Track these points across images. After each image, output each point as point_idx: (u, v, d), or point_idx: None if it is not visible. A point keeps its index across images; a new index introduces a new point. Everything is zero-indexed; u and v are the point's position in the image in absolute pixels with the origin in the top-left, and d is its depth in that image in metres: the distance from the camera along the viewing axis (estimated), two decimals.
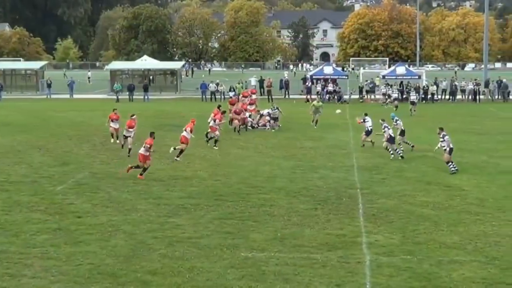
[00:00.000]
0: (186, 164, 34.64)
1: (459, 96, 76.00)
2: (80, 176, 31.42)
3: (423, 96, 73.18)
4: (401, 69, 78.03)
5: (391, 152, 35.97)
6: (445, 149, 32.02)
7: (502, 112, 62.49)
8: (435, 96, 74.28)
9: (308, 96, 74.70)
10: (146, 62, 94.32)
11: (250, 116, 48.75)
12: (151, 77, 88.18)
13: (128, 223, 23.48)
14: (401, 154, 35.93)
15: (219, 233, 22.38)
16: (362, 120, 39.99)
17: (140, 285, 17.57)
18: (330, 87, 75.53)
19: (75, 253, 20.18)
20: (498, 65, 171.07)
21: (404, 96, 73.47)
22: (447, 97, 76.27)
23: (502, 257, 20.05)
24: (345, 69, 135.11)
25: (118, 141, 40.61)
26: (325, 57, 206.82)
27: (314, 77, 79.26)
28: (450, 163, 32.00)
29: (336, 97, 74.78)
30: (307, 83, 77.59)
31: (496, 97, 76.51)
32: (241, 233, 22.33)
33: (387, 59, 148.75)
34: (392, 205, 25.91)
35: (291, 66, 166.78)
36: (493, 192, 28.34)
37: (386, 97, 70.99)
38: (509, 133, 47.83)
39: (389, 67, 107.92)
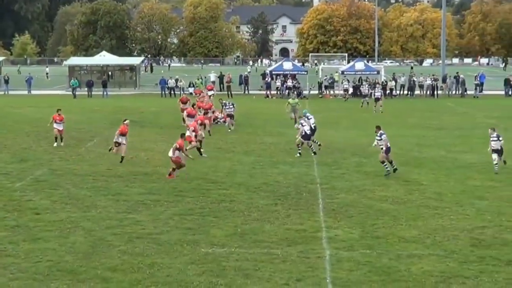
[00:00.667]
0: (145, 160, 34.53)
1: (417, 92, 76.56)
2: (39, 173, 31.15)
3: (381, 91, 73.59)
4: (360, 65, 78.39)
5: (311, 146, 35.91)
6: (382, 148, 31.41)
7: (459, 107, 63.09)
8: (394, 92, 74.77)
9: (268, 92, 74.83)
10: (104, 58, 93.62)
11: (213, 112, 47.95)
12: (110, 73, 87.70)
13: (88, 220, 23.34)
14: (314, 151, 35.91)
15: (179, 229, 22.34)
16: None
17: (100, 282, 17.48)
18: (290, 83, 75.64)
19: (34, 250, 20.02)
20: (455, 60, 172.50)
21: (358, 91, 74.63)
22: (405, 92, 76.86)
23: (460, 250, 20.26)
24: (305, 64, 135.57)
25: (62, 144, 38.74)
26: (284, 52, 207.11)
27: (273, 72, 79.33)
28: (386, 163, 30.99)
29: (295, 92, 74.95)
30: (266, 79, 77.64)
31: (454, 92, 77.19)
32: (201, 229, 22.31)
33: (346, 54, 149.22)
34: (352, 200, 26.05)
35: (251, 62, 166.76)
36: (451, 186, 28.61)
37: (345, 92, 71.45)
38: (467, 128, 48.34)
39: (348, 62, 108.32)
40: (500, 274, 18.25)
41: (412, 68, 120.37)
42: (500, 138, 31.41)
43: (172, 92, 75.97)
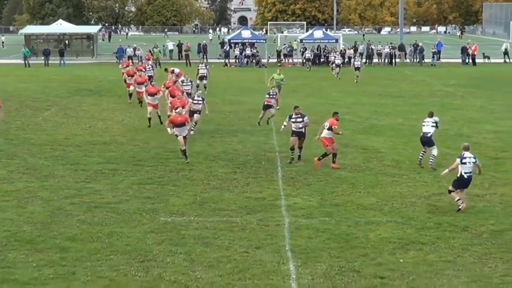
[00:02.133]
0: (103, 129, 34.31)
1: (375, 60, 76.85)
2: None
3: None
4: (318, 33, 78.33)
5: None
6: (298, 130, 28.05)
7: (417, 75, 63.45)
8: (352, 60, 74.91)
9: (226, 60, 74.61)
10: (61, 27, 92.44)
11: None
12: (67, 42, 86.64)
13: (45, 189, 23.18)
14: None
15: (138, 198, 22.29)
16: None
17: (59, 252, 17.39)
18: (248, 51, 75.52)
19: None
20: (413, 28, 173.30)
21: (322, 60, 74.77)
22: (364, 60, 77.04)
23: (417, 217, 20.47)
24: (266, 32, 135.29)
25: None
26: (243, 21, 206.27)
27: (232, 41, 79.05)
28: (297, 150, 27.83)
29: (254, 61, 74.84)
30: (225, 47, 77.39)
31: (413, 60, 77.59)
32: (160, 198, 22.28)
33: (305, 23, 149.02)
34: (311, 168, 26.14)
35: (210, 30, 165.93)
36: (409, 154, 28.82)
37: (308, 62, 71.36)
38: (424, 96, 48.69)
39: (307, 31, 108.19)
40: (456, 240, 18.49)
41: (363, 35, 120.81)
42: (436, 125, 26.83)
43: (130, 61, 75.31)
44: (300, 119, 27.33)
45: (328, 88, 51.88)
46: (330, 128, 26.65)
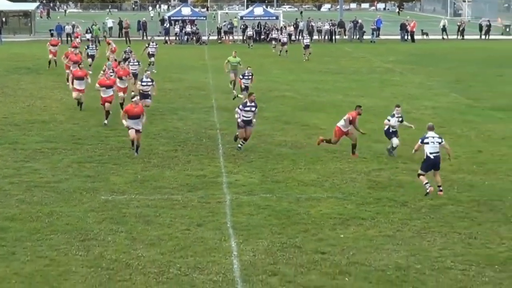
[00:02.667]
0: (42, 107, 33.90)
1: (315, 37, 77.03)
2: None
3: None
4: (259, 10, 78.33)
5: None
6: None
7: (357, 52, 63.84)
8: (293, 37, 74.97)
9: (167, 38, 74.14)
10: None
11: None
12: (3, 19, 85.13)
13: None
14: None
15: (78, 176, 22.11)
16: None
17: None
18: (188, 29, 75.13)
19: None
20: (353, 5, 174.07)
21: (262, 37, 74.84)
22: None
23: (357, 193, 20.68)
24: (206, 9, 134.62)
25: None
26: None
27: (172, 18, 78.56)
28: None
29: (194, 38, 74.48)
30: (165, 25, 76.86)
31: (352, 37, 77.99)
32: (100, 176, 22.13)
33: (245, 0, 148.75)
34: (252, 145, 26.19)
35: (150, 7, 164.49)
36: None
37: (250, 39, 71.17)
38: (364, 72, 49.03)
39: (247, 8, 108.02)
40: (396, 214, 18.73)
41: (301, 13, 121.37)
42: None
43: (69, 38, 74.39)
44: (254, 108, 25.64)
45: (269, 65, 51.90)
46: (350, 122, 24.72)
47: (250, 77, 34.86)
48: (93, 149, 25.65)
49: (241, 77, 34.98)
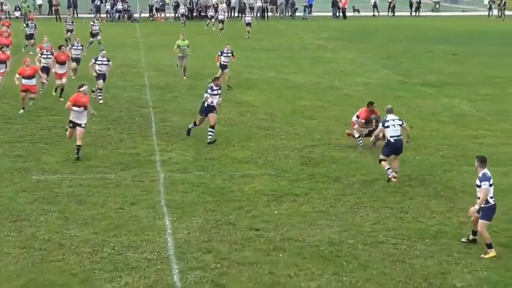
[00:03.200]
0: None
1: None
2: None
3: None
4: None
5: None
6: None
7: (289, 29, 63.97)
8: (226, 14, 74.70)
9: (98, 15, 73.18)
10: None
11: None
12: None
13: None
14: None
15: (9, 156, 21.79)
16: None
17: None
18: (120, 6, 74.30)
19: None
20: None
21: (195, 14, 74.58)
22: (236, 14, 77.03)
23: (291, 169, 20.81)
24: None
25: None
26: None
27: None
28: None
29: (126, 16, 73.74)
30: (95, 2, 75.83)
31: (285, 14, 78.08)
32: (32, 156, 21.84)
33: None
34: (185, 123, 26.07)
35: None
36: (282, 107, 29.18)
37: (183, 17, 70.61)
38: (296, 49, 49.21)
39: None
40: (329, 190, 18.92)
41: None
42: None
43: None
44: (219, 92, 24.31)
45: (202, 43, 51.68)
46: (366, 122, 23.17)
47: (229, 54, 33.71)
48: (24, 128, 25.29)
49: (219, 53, 33.82)
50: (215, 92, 24.02)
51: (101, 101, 29.41)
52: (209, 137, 23.59)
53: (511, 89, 34.39)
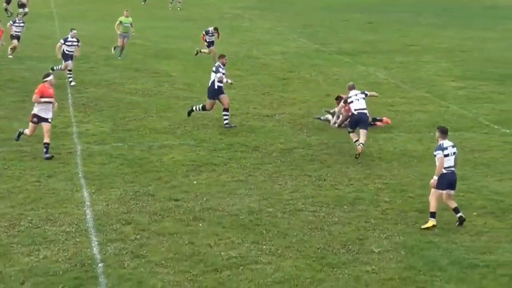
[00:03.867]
0: None
1: None
2: None
3: None
4: None
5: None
6: None
7: None
8: None
9: None
10: None
11: None
12: None
13: None
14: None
15: None
16: None
17: None
18: None
19: None
20: None
21: None
22: None
23: (209, 139, 20.84)
24: None
25: None
26: None
27: None
28: None
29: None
30: None
31: None
32: None
33: None
34: (102, 94, 25.89)
35: None
36: (200, 77, 29.07)
37: None
38: (214, 19, 49.02)
39: None
40: (247, 160, 19.02)
41: None
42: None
43: None
44: (219, 74, 22.42)
45: (117, 13, 50.91)
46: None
47: (215, 33, 32.95)
48: None
49: (204, 33, 32.93)
50: (224, 71, 22.68)
51: (72, 83, 27.40)
52: (226, 121, 22.33)
53: (425, 57, 35.04)
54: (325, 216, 15.32)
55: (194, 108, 22.94)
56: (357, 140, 19.67)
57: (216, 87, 22.27)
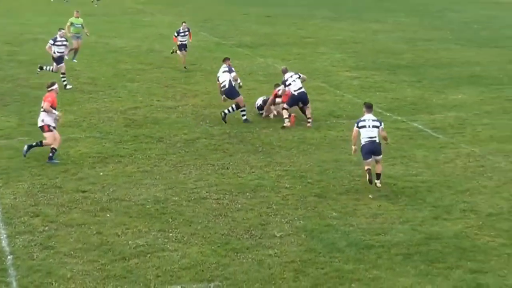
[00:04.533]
0: None
1: None
2: None
3: None
4: None
5: None
6: None
7: None
8: None
9: None
10: None
11: None
12: None
13: None
14: None
15: None
16: None
17: None
18: None
19: None
20: None
21: None
22: None
23: (115, 131, 21.16)
24: None
25: None
26: None
27: None
28: None
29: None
30: None
31: None
32: None
33: None
34: (7, 89, 25.88)
35: None
36: (104, 71, 29.36)
37: None
38: (116, 14, 49.14)
39: None
40: (152, 150, 19.42)
41: None
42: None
43: None
44: (233, 73, 23.04)
45: (19, 8, 50.56)
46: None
47: (187, 33, 31.55)
48: None
49: (176, 34, 31.39)
50: (232, 74, 22.84)
51: (68, 87, 26.54)
52: (245, 116, 22.71)
53: (320, 49, 36.06)
54: (229, 203, 15.81)
55: (227, 111, 22.50)
56: (286, 118, 21.85)
57: (233, 84, 22.64)
